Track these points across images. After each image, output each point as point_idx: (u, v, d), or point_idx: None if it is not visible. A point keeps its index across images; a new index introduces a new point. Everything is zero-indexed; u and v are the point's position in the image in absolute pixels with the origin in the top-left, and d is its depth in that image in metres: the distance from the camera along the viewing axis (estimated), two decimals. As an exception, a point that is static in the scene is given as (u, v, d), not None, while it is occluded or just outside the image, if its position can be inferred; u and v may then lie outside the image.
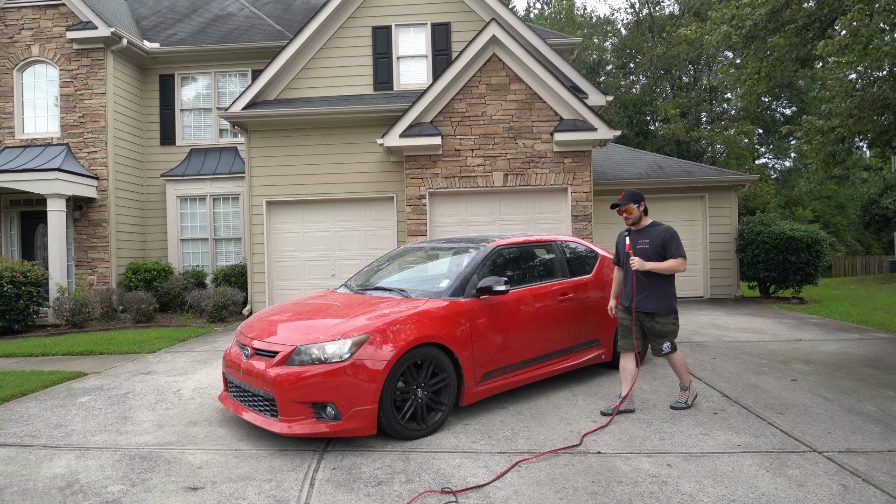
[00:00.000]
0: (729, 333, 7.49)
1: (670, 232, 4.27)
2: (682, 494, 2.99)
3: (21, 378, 5.64)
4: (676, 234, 4.28)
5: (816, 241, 10.55)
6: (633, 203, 4.36)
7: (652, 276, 4.25)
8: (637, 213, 4.37)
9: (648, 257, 4.26)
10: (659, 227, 4.34)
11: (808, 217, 25.76)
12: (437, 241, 5.61)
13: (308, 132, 10.26)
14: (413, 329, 3.86)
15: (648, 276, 4.26)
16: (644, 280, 4.29)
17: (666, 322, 4.29)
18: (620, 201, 4.41)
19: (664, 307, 4.25)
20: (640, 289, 4.31)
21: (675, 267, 4.19)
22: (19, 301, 9.06)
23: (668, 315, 4.28)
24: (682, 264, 4.20)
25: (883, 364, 5.74)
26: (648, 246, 4.29)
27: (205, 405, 4.72)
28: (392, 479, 3.24)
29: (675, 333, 4.32)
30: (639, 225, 4.41)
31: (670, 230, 4.28)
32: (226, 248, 12.00)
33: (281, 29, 12.67)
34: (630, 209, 4.36)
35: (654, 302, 4.25)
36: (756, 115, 27.67)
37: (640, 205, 4.38)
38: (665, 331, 4.28)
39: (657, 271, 4.19)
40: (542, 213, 9.52)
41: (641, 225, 4.41)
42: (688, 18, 25.80)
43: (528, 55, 9.19)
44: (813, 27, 6.93)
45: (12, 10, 11.29)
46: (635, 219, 4.38)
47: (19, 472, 3.43)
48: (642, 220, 4.42)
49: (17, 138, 11.26)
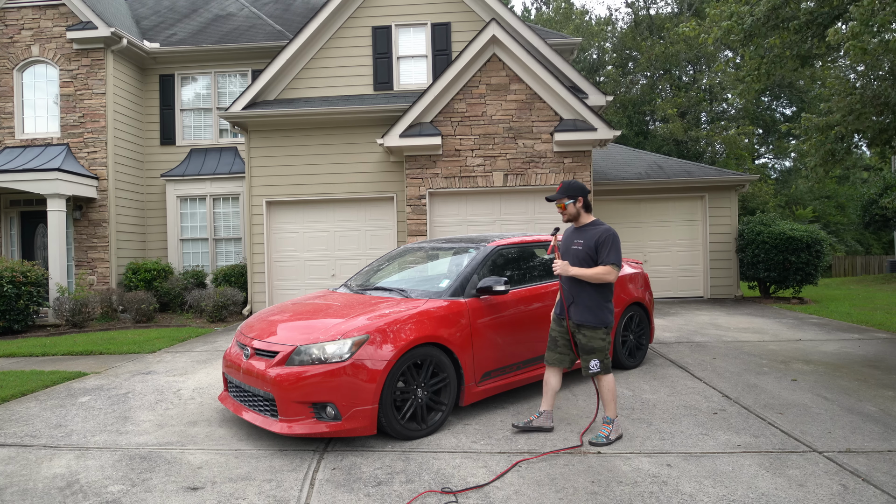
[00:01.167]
0: (729, 333, 7.49)
1: (607, 234, 3.71)
2: (682, 494, 2.99)
3: (21, 378, 5.64)
4: (614, 236, 3.71)
5: (816, 241, 10.55)
6: (568, 198, 3.80)
7: (579, 283, 3.74)
8: (573, 209, 3.82)
9: (580, 261, 3.75)
10: (597, 227, 3.79)
11: (809, 217, 25.76)
12: (437, 241, 5.61)
13: (308, 132, 10.26)
14: (413, 329, 3.86)
15: (575, 283, 3.76)
16: (570, 287, 3.79)
17: (593, 336, 3.73)
18: (555, 194, 3.89)
19: (592, 319, 3.71)
20: (567, 296, 3.82)
21: (600, 275, 3.62)
22: (19, 301, 9.06)
23: (595, 328, 3.72)
24: (609, 273, 3.62)
25: (883, 364, 5.74)
26: (582, 248, 3.77)
27: (205, 405, 4.72)
28: (392, 479, 3.24)
29: (604, 351, 3.74)
30: (578, 222, 3.89)
31: (608, 231, 3.73)
32: (226, 248, 12.00)
33: (281, 29, 12.67)
34: (563, 204, 3.82)
35: (582, 312, 3.74)
36: (756, 115, 27.67)
37: (578, 200, 3.80)
38: (592, 346, 3.73)
39: (582, 278, 3.67)
40: (542, 213, 9.51)
41: (581, 223, 3.88)
42: (686, 18, 25.81)
43: (528, 55, 9.19)
44: (814, 24, 6.93)
45: (12, 10, 11.29)
46: (571, 215, 3.85)
47: (19, 472, 3.42)
48: (581, 217, 3.87)
49: (17, 138, 11.26)
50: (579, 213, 3.84)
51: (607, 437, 3.69)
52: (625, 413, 4.29)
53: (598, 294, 3.72)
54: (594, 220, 3.87)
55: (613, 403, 3.77)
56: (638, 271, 6.00)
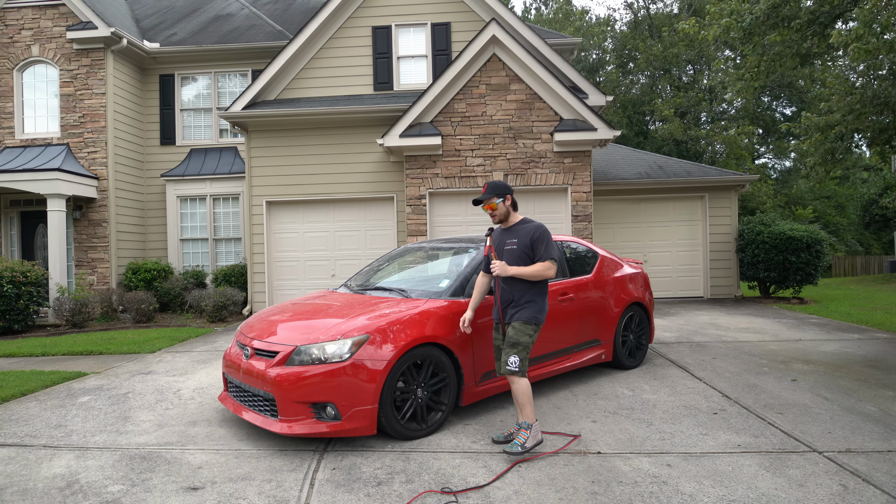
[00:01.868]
0: (729, 333, 7.49)
1: (540, 230, 3.65)
2: (682, 494, 2.99)
3: (21, 378, 5.64)
4: (547, 232, 3.66)
5: (816, 241, 10.55)
6: (497, 197, 3.69)
7: (517, 282, 3.62)
8: (503, 208, 3.72)
9: (517, 259, 3.63)
10: (528, 224, 3.71)
11: (809, 217, 25.76)
12: (437, 241, 5.61)
13: (308, 132, 10.26)
14: (413, 329, 3.86)
15: (513, 283, 3.63)
16: (508, 287, 3.66)
17: (522, 330, 3.57)
18: (482, 195, 3.76)
19: (526, 315, 3.59)
20: (504, 298, 3.69)
21: (541, 272, 3.54)
22: (19, 301, 9.06)
23: (527, 323, 3.59)
24: (549, 268, 3.55)
25: (883, 364, 5.74)
26: (517, 247, 3.65)
27: (205, 405, 4.72)
28: (392, 479, 3.24)
29: (527, 348, 3.56)
30: (507, 222, 3.79)
31: (540, 228, 3.65)
32: (226, 248, 12.00)
33: (281, 29, 12.67)
34: (493, 204, 3.71)
35: (520, 309, 3.62)
36: (756, 115, 27.67)
37: (507, 198, 3.71)
38: (517, 339, 3.56)
39: (522, 277, 3.56)
40: (542, 213, 9.51)
41: (510, 222, 3.78)
42: (686, 17, 25.80)
43: (528, 55, 9.19)
44: (815, 23, 6.93)
45: (12, 10, 11.29)
46: (501, 215, 3.74)
47: (19, 472, 3.42)
48: (510, 216, 3.77)
49: (17, 138, 11.26)
50: (508, 212, 3.76)
51: (523, 444, 3.48)
52: (625, 413, 4.29)
53: (536, 292, 3.64)
54: (523, 217, 3.80)
55: (530, 406, 3.55)
56: (638, 271, 6.00)
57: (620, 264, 5.83)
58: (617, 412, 4.32)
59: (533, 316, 3.60)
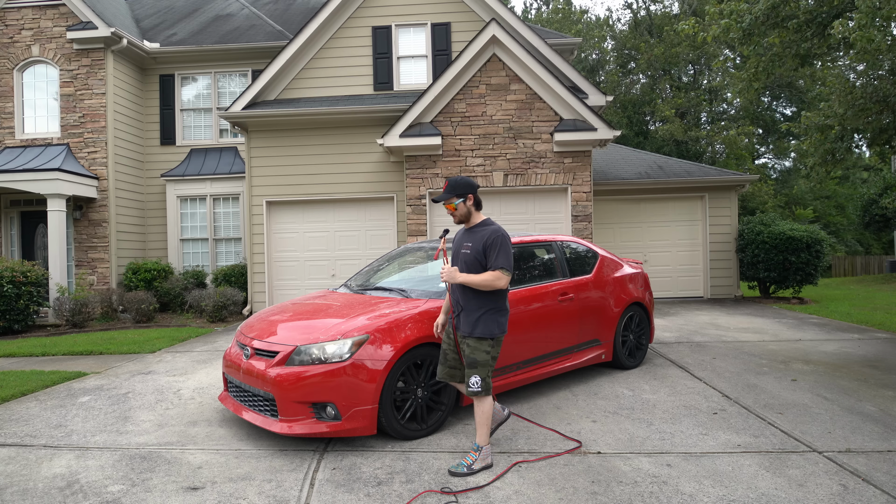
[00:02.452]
0: (729, 333, 7.49)
1: (495, 235, 3.32)
2: (682, 494, 2.99)
3: (21, 378, 5.65)
4: (503, 238, 3.33)
5: (816, 241, 10.55)
6: (457, 196, 3.40)
7: (467, 290, 3.37)
8: (464, 208, 3.43)
9: (468, 266, 3.37)
10: (486, 228, 3.41)
11: (809, 217, 25.76)
12: (438, 241, 5.61)
13: (308, 132, 10.26)
14: (413, 329, 3.86)
15: (463, 291, 3.39)
16: (459, 295, 3.41)
17: (477, 347, 3.31)
18: (441, 194, 3.49)
19: (478, 329, 3.32)
20: (455, 306, 3.45)
21: (489, 282, 3.25)
22: (19, 301, 9.06)
23: (480, 339, 3.32)
24: (499, 279, 3.25)
25: (883, 364, 5.74)
26: (470, 251, 3.39)
27: (205, 405, 4.72)
28: (392, 479, 3.24)
29: (487, 367, 3.31)
30: (469, 223, 3.51)
31: (497, 232, 3.34)
32: (226, 248, 12.00)
33: (281, 29, 12.67)
34: (452, 205, 3.43)
35: (469, 322, 3.35)
36: (756, 115, 27.67)
37: (468, 198, 3.42)
38: (474, 358, 3.31)
39: (469, 285, 3.31)
40: (542, 213, 9.52)
41: (472, 223, 3.50)
42: (686, 17, 25.79)
43: (528, 55, 9.19)
44: (814, 23, 6.94)
45: (12, 10, 11.29)
46: (462, 216, 3.46)
47: (19, 472, 3.43)
48: (472, 216, 3.49)
49: (17, 138, 11.26)
50: (470, 212, 3.46)
51: (469, 465, 3.26)
52: (625, 413, 4.29)
53: (487, 302, 3.33)
54: (485, 219, 3.49)
55: (486, 429, 3.35)
56: (638, 271, 6.00)
57: (620, 264, 5.84)
58: (617, 412, 4.32)
59: (486, 331, 3.32)
